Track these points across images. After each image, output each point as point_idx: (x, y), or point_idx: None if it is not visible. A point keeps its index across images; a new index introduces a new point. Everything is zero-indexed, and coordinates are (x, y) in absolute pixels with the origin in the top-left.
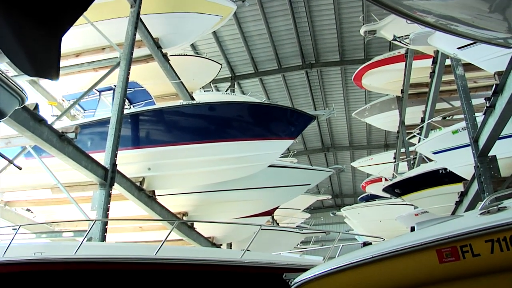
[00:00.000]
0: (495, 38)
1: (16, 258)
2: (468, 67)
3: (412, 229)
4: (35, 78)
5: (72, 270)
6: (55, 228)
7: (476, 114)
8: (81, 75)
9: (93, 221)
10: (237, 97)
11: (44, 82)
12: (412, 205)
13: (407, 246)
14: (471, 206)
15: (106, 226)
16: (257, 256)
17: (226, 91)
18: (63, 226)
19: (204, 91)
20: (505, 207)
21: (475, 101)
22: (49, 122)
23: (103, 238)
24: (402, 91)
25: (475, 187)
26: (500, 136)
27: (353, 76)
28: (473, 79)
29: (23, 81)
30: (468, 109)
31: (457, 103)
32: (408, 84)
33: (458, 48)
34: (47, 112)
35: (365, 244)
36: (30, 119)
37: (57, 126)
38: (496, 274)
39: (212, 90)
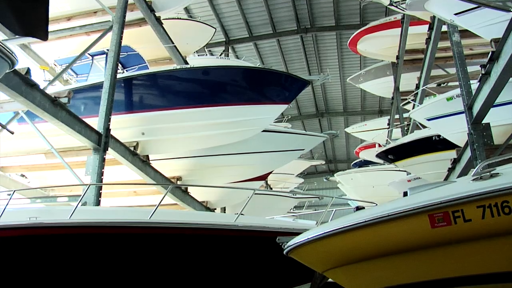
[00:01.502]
0: (493, 1)
1: (11, 223)
2: (465, 34)
3: (405, 194)
4: (26, 42)
5: (67, 235)
6: (50, 193)
7: (471, 82)
8: (73, 39)
9: (87, 186)
10: (231, 61)
11: (35, 46)
12: (405, 171)
13: (399, 211)
14: (463, 173)
15: (100, 191)
16: (251, 220)
17: (220, 55)
18: (58, 191)
19: (198, 55)
20: (498, 173)
21: (470, 69)
22: (41, 87)
23: (97, 203)
24: (397, 57)
25: (468, 154)
26: (494, 104)
27: (348, 42)
28: (469, 46)
29: (13, 45)
30: (463, 76)
31: (452, 70)
32: (404, 50)
33: (455, 14)
34: (39, 77)
35: (358, 208)
36: (22, 83)
37: (50, 91)
38: (487, 239)
39: (206, 55)
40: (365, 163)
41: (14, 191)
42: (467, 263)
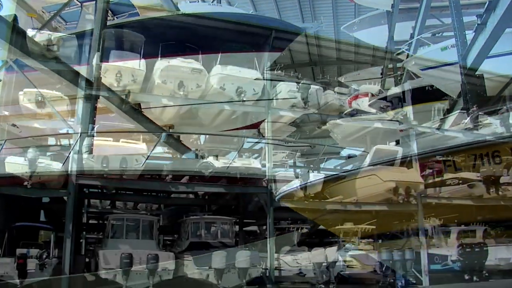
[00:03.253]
0: None
1: (4, 172)
2: None
3: (397, 143)
4: None
5: (61, 184)
6: (42, 143)
7: (467, 32)
8: None
9: (79, 135)
10: (224, 8)
11: None
12: (397, 120)
13: (391, 159)
14: (455, 123)
15: (92, 140)
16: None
17: (212, 2)
18: (50, 140)
19: (190, 2)
20: (490, 123)
21: (466, 19)
22: (29, 35)
23: (90, 151)
24: (392, 6)
25: (460, 104)
26: (488, 55)
27: None
28: None
29: None
30: (458, 26)
31: (448, 20)
32: None
33: None
34: (27, 25)
35: (350, 157)
36: (9, 31)
37: (39, 39)
38: (478, 188)
39: (198, 1)
40: (358, 112)
41: (6, 140)
42: (457, 211)
